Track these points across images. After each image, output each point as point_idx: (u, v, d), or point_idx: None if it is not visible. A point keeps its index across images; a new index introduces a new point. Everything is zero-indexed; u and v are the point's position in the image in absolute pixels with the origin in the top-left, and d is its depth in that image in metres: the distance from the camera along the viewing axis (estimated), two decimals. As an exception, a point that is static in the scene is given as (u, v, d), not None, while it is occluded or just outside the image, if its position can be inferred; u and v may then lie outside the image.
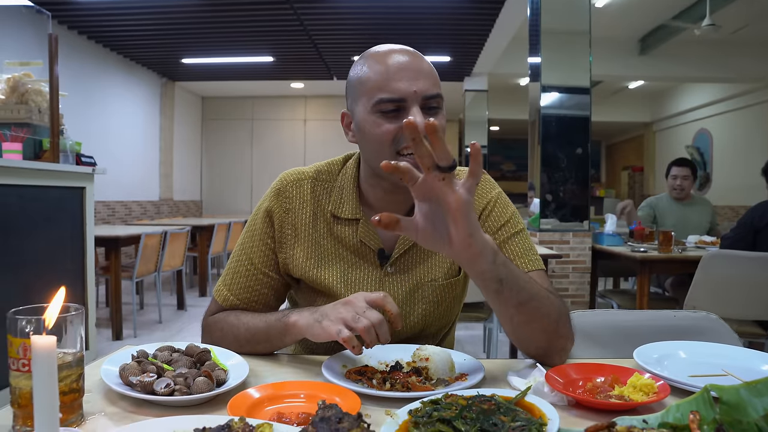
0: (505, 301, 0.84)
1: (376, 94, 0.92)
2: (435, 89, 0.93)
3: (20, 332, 0.62)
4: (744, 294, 2.57)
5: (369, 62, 0.95)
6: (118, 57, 7.60)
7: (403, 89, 0.91)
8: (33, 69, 3.03)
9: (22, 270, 2.42)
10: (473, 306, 2.84)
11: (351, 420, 0.55)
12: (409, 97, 0.91)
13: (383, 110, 0.92)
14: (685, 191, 3.69)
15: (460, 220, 0.73)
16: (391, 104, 0.91)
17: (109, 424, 0.67)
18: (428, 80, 0.93)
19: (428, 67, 0.95)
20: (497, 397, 0.67)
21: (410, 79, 0.91)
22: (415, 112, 0.90)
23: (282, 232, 1.04)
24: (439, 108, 0.94)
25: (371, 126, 0.94)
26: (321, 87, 9.51)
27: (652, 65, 7.40)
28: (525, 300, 0.84)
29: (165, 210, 8.95)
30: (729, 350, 0.93)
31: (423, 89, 0.91)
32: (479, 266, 0.79)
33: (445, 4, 5.59)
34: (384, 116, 0.92)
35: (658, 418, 0.59)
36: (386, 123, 0.92)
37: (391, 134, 0.92)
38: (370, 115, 0.93)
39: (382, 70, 0.93)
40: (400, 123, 0.91)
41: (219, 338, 1.00)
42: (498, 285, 0.81)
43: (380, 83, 0.92)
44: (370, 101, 0.93)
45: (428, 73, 0.94)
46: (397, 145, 0.93)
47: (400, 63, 0.93)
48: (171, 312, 5.06)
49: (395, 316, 0.85)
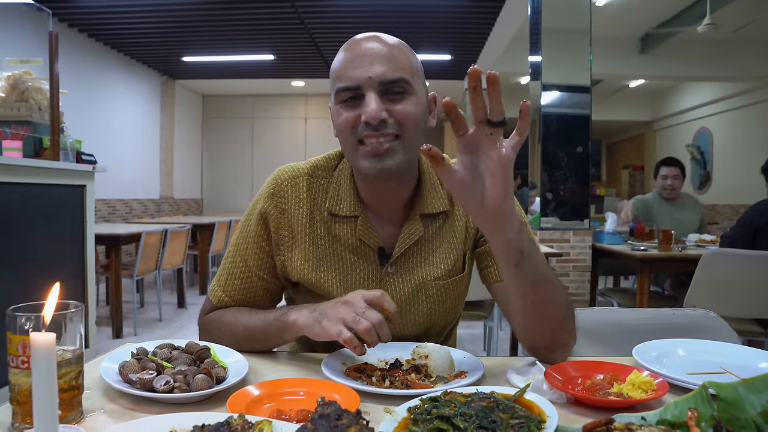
0: (523, 276, 0.82)
1: (336, 84, 0.92)
2: (395, 73, 0.89)
3: (19, 329, 0.63)
4: (744, 292, 2.57)
5: (338, 54, 0.95)
6: (119, 55, 7.60)
7: (357, 76, 0.89)
8: (33, 67, 3.03)
9: (22, 268, 2.42)
10: (474, 304, 2.84)
11: (350, 417, 0.55)
12: (364, 83, 0.89)
13: (343, 99, 0.91)
14: (675, 191, 3.66)
15: (498, 176, 0.72)
16: (348, 92, 0.90)
17: (109, 422, 0.67)
18: (387, 64, 0.89)
19: (392, 51, 0.91)
20: (496, 395, 0.67)
21: (366, 64, 0.89)
22: (370, 99, 0.88)
23: (278, 234, 1.01)
24: (405, 93, 0.91)
25: (335, 116, 0.94)
26: (322, 85, 9.51)
27: (652, 64, 7.39)
28: (540, 280, 0.83)
29: (165, 208, 8.95)
30: (727, 348, 0.93)
31: (379, 74, 0.89)
32: (505, 233, 0.77)
33: (446, 3, 5.59)
34: (344, 105, 0.91)
35: (657, 415, 0.59)
36: (347, 112, 0.91)
37: (350, 123, 0.91)
38: (335, 106, 0.94)
39: (343, 59, 0.92)
40: (358, 112, 0.90)
41: (217, 336, 0.99)
42: (519, 257, 0.80)
43: (340, 72, 0.92)
44: (333, 92, 0.93)
45: (388, 58, 0.90)
46: (356, 134, 0.91)
47: (358, 50, 0.91)
48: (171, 310, 5.07)
49: (393, 314, 0.84)
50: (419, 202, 1.01)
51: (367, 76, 0.89)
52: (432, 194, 1.02)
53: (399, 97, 0.91)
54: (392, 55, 0.91)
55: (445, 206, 1.02)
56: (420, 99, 0.94)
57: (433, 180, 1.03)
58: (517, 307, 0.89)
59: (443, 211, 1.02)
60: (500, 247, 0.80)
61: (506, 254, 0.80)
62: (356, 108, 0.90)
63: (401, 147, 0.91)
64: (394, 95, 0.90)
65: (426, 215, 1.01)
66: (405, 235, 1.00)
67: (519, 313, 0.89)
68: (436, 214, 1.02)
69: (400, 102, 0.90)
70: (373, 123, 0.88)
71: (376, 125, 0.88)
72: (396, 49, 0.92)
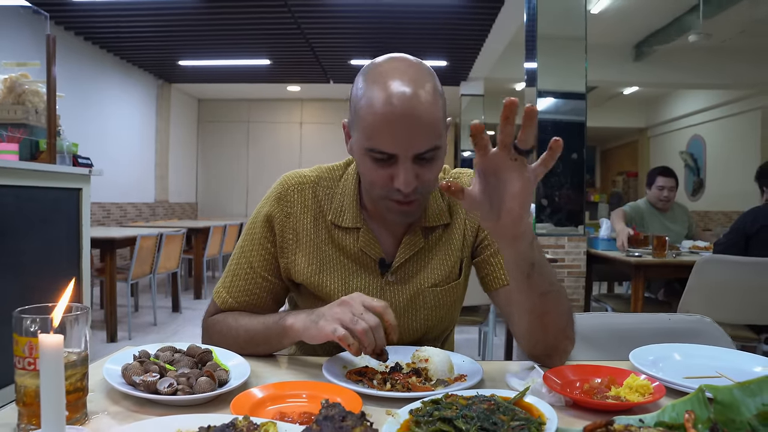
0: (532, 286, 0.84)
1: (368, 141, 0.88)
2: (430, 143, 0.88)
3: (26, 331, 0.63)
4: (737, 299, 2.60)
5: (368, 92, 0.88)
6: (115, 59, 7.60)
7: (393, 147, 0.87)
8: (30, 70, 3.02)
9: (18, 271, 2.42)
10: (469, 309, 2.86)
11: (354, 418, 0.56)
12: (401, 153, 0.88)
13: (374, 158, 0.89)
14: (670, 202, 3.66)
15: (518, 200, 0.73)
16: (381, 155, 0.89)
17: (113, 423, 0.68)
18: (424, 135, 0.87)
19: (430, 116, 0.87)
20: (497, 397, 0.68)
21: (404, 136, 0.86)
22: (402, 170, 0.87)
23: (283, 237, 1.03)
24: (434, 159, 0.91)
25: (363, 165, 0.93)
26: (317, 90, 9.53)
27: (646, 71, 7.45)
28: (548, 289, 0.85)
29: (160, 212, 8.92)
30: (723, 353, 0.95)
31: (417, 147, 0.87)
32: (519, 246, 0.80)
33: (442, 9, 5.62)
34: (375, 162, 0.90)
35: (654, 418, 0.60)
36: (378, 169, 0.90)
37: (381, 183, 0.91)
38: (362, 155, 0.91)
39: (377, 114, 0.86)
40: (389, 172, 0.89)
41: (218, 340, 1.00)
42: (530, 269, 0.82)
43: (373, 132, 0.87)
44: (362, 141, 0.90)
45: (426, 126, 0.87)
46: (387, 192, 0.92)
47: (395, 113, 0.85)
48: (166, 314, 5.05)
49: (392, 328, 0.84)
50: (421, 216, 1.03)
51: (404, 149, 0.87)
52: (433, 208, 1.04)
53: (429, 161, 0.90)
54: (429, 122, 0.87)
55: (446, 219, 1.05)
56: (444, 150, 0.94)
57: (435, 194, 1.06)
58: (523, 317, 0.90)
59: (444, 223, 1.05)
60: (512, 259, 0.82)
61: (517, 266, 0.83)
62: (386, 167, 0.90)
63: (422, 203, 0.97)
64: (426, 161, 0.90)
65: (426, 227, 1.04)
66: (406, 246, 1.02)
67: (524, 322, 0.90)
68: (436, 226, 1.05)
69: (429, 166, 0.91)
70: (405, 192, 0.89)
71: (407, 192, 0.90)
72: (431, 106, 0.87)
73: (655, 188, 3.64)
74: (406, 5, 5.57)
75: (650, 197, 3.71)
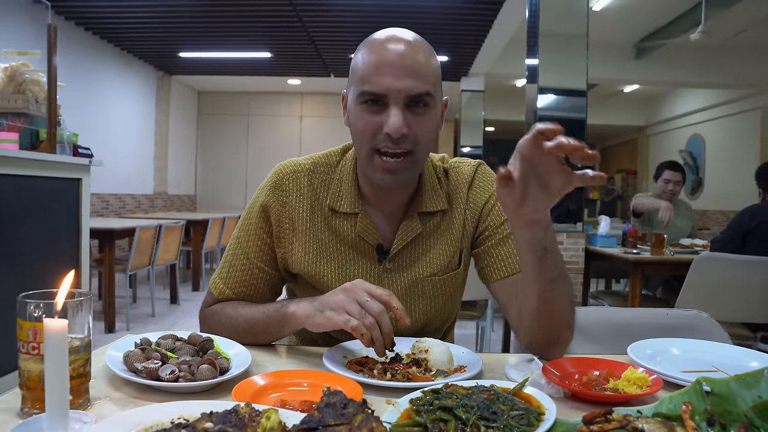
0: (543, 271, 0.85)
1: (361, 86, 0.91)
2: (422, 86, 0.90)
3: (30, 316, 0.64)
4: (734, 296, 2.61)
5: (364, 49, 0.93)
6: (116, 49, 7.57)
7: (386, 85, 0.88)
8: (31, 59, 3.01)
9: (17, 260, 2.42)
10: (467, 304, 2.87)
11: (356, 406, 0.56)
12: (392, 94, 0.89)
13: (365, 100, 0.91)
14: (675, 196, 3.68)
15: (552, 196, 0.75)
16: (372, 97, 0.90)
17: (115, 409, 0.68)
18: (417, 78, 0.89)
19: (421, 61, 0.91)
20: (496, 388, 0.69)
21: (396, 75, 0.88)
22: (395, 113, 0.88)
23: (279, 227, 1.03)
24: (427, 106, 0.91)
25: (355, 117, 0.93)
26: (318, 84, 9.51)
27: (647, 69, 7.45)
28: (558, 276, 0.86)
29: (159, 204, 8.92)
30: (720, 347, 0.96)
31: (408, 87, 0.88)
32: (535, 232, 0.82)
33: (443, 4, 5.61)
34: (366, 108, 0.91)
35: (652, 409, 0.61)
36: (369, 116, 0.91)
37: (370, 129, 0.91)
38: (355, 105, 0.93)
39: (371, 61, 0.90)
40: (379, 119, 0.90)
41: (218, 329, 1.00)
42: (543, 253, 0.84)
43: (366, 75, 0.90)
44: (356, 90, 0.92)
45: (419, 70, 0.90)
46: (375, 142, 0.92)
47: (389, 55, 0.89)
48: (164, 306, 5.06)
49: (401, 312, 0.84)
50: (418, 201, 1.03)
51: (396, 89, 0.88)
52: (431, 193, 1.04)
53: (421, 110, 0.91)
54: (421, 66, 0.90)
55: (443, 205, 1.04)
56: (438, 110, 0.95)
57: (433, 180, 1.05)
58: (529, 302, 0.90)
59: (441, 209, 1.04)
60: (526, 243, 0.84)
61: (531, 249, 0.84)
62: (377, 114, 0.90)
63: (413, 162, 0.94)
64: (417, 108, 0.91)
65: (424, 213, 1.03)
66: (403, 232, 1.02)
67: (531, 309, 0.90)
68: (434, 212, 1.04)
69: (421, 117, 0.91)
70: (395, 136, 0.89)
71: (396, 138, 0.90)
72: (422, 55, 0.91)
73: (662, 181, 3.66)
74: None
75: (656, 190, 3.71)
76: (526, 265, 0.87)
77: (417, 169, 0.97)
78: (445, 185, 1.07)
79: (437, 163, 1.09)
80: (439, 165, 1.09)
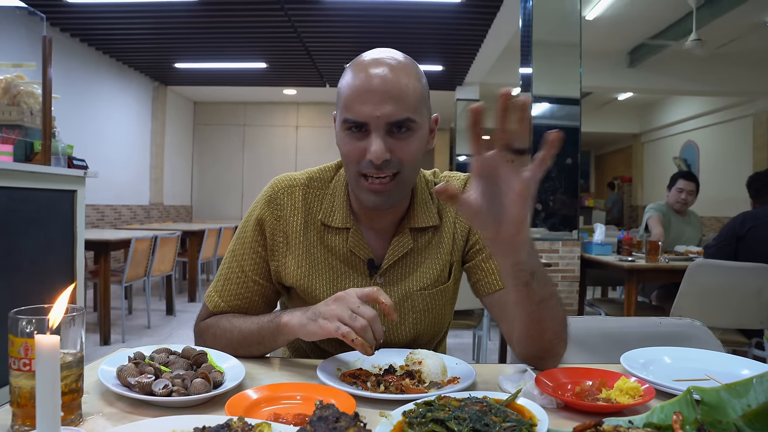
0: (531, 295, 0.83)
1: (344, 113, 0.92)
2: (402, 113, 0.89)
3: (21, 332, 0.63)
4: (728, 303, 2.62)
5: (349, 73, 0.94)
6: (111, 60, 7.58)
7: (365, 113, 0.89)
8: (26, 71, 3.02)
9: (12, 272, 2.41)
10: (463, 313, 2.86)
11: (348, 419, 0.56)
12: (372, 122, 0.89)
13: (348, 127, 0.92)
14: (687, 205, 3.75)
15: (518, 206, 0.70)
16: (354, 125, 0.91)
17: (108, 425, 0.68)
18: (396, 104, 0.89)
19: (402, 86, 0.90)
20: (489, 399, 0.69)
21: (375, 102, 0.88)
22: (375, 140, 0.89)
23: (274, 240, 1.03)
24: (409, 131, 0.91)
25: (341, 141, 0.95)
26: (313, 94, 9.54)
27: (640, 77, 7.51)
28: (547, 296, 0.85)
29: (155, 214, 8.90)
30: (712, 356, 0.96)
31: (386, 114, 0.89)
32: (519, 255, 0.78)
33: (438, 14, 5.65)
34: (351, 135, 0.92)
35: (643, 419, 0.61)
36: (353, 142, 0.92)
37: (355, 155, 0.92)
38: (341, 130, 0.94)
39: (352, 87, 0.91)
40: (362, 145, 0.91)
41: (212, 342, 1.00)
42: (530, 277, 0.81)
43: (348, 102, 0.91)
44: (340, 117, 0.94)
45: (398, 95, 0.89)
46: (360, 167, 0.93)
47: (369, 83, 0.89)
48: (160, 317, 5.03)
49: (389, 308, 0.85)
50: (410, 216, 1.04)
51: (375, 116, 0.89)
52: (422, 209, 1.05)
53: (404, 135, 0.91)
54: (401, 91, 0.90)
55: (435, 221, 1.05)
56: (423, 132, 0.95)
57: (425, 196, 1.06)
58: (519, 323, 0.90)
59: (433, 225, 1.05)
60: (511, 270, 0.81)
61: (517, 275, 0.81)
62: (361, 140, 0.92)
63: (399, 184, 0.95)
64: (399, 133, 0.91)
65: (416, 228, 1.04)
66: (394, 247, 1.02)
67: (520, 328, 0.90)
68: (425, 228, 1.05)
69: (404, 141, 0.92)
70: (376, 162, 0.90)
71: (379, 164, 0.90)
72: (405, 79, 0.91)
73: (675, 190, 3.74)
74: (402, 9, 5.60)
75: (669, 199, 3.79)
76: (513, 290, 0.84)
77: (405, 189, 0.98)
78: (436, 200, 1.07)
79: (429, 178, 1.10)
80: (430, 180, 1.10)
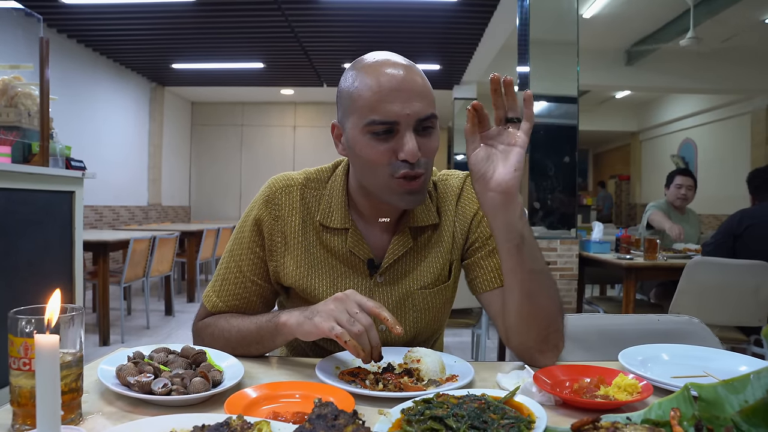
0: (521, 261, 0.89)
1: (368, 115, 0.89)
2: (429, 109, 0.90)
3: (21, 332, 0.64)
4: (727, 300, 2.63)
5: (361, 76, 0.91)
6: (108, 61, 7.58)
7: (396, 112, 0.87)
8: (23, 72, 3.01)
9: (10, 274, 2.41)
10: (461, 312, 2.87)
11: (347, 417, 0.56)
12: (403, 120, 0.88)
13: (375, 131, 0.89)
14: (687, 201, 3.74)
15: (511, 156, 0.87)
16: (383, 126, 0.89)
17: (108, 423, 0.68)
18: (423, 101, 0.89)
19: (422, 83, 0.91)
20: (487, 397, 0.69)
21: (404, 100, 0.88)
22: (408, 138, 0.88)
23: (272, 240, 1.03)
24: (432, 128, 0.92)
25: (363, 147, 0.91)
26: (311, 94, 9.54)
27: (638, 75, 7.52)
28: (538, 269, 0.90)
29: (153, 215, 8.89)
30: (710, 352, 0.96)
31: (417, 112, 0.88)
32: (509, 214, 0.88)
33: (435, 13, 5.65)
34: (376, 138, 0.89)
35: (641, 415, 0.62)
36: (379, 145, 0.89)
37: (386, 158, 0.90)
38: (361, 135, 0.90)
39: (374, 87, 0.88)
40: (392, 146, 0.89)
41: (210, 341, 1.00)
42: (520, 240, 0.89)
43: (372, 103, 0.88)
44: (361, 120, 0.90)
45: (423, 93, 0.90)
46: (392, 170, 0.90)
47: (393, 82, 0.88)
48: (159, 318, 5.03)
49: (392, 322, 0.84)
50: (409, 215, 1.03)
51: (406, 114, 0.88)
52: (422, 207, 1.04)
53: (428, 132, 0.92)
54: (425, 89, 0.91)
55: (434, 219, 1.05)
56: (438, 130, 0.96)
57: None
58: (512, 301, 0.91)
59: (432, 223, 1.05)
60: (503, 229, 0.89)
61: (508, 236, 0.89)
62: (389, 142, 0.90)
63: (426, 182, 0.95)
64: (425, 130, 0.91)
65: (415, 227, 1.04)
66: (394, 246, 1.02)
67: (514, 308, 0.92)
68: (425, 227, 1.05)
69: (428, 138, 0.92)
70: (412, 161, 0.89)
71: (414, 163, 0.90)
72: (419, 77, 0.92)
73: (674, 187, 3.72)
74: (399, 9, 5.60)
75: (669, 197, 3.77)
76: (506, 254, 0.91)
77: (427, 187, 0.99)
78: (434, 198, 1.07)
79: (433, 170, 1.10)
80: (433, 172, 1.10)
